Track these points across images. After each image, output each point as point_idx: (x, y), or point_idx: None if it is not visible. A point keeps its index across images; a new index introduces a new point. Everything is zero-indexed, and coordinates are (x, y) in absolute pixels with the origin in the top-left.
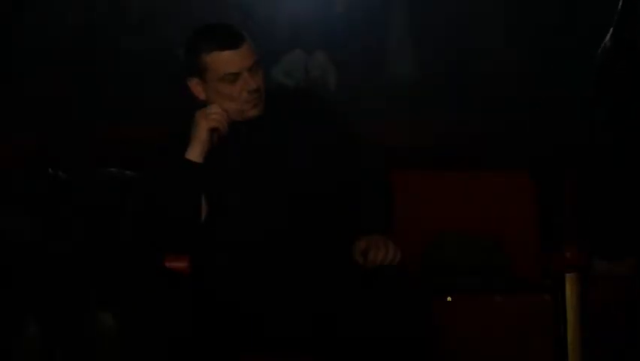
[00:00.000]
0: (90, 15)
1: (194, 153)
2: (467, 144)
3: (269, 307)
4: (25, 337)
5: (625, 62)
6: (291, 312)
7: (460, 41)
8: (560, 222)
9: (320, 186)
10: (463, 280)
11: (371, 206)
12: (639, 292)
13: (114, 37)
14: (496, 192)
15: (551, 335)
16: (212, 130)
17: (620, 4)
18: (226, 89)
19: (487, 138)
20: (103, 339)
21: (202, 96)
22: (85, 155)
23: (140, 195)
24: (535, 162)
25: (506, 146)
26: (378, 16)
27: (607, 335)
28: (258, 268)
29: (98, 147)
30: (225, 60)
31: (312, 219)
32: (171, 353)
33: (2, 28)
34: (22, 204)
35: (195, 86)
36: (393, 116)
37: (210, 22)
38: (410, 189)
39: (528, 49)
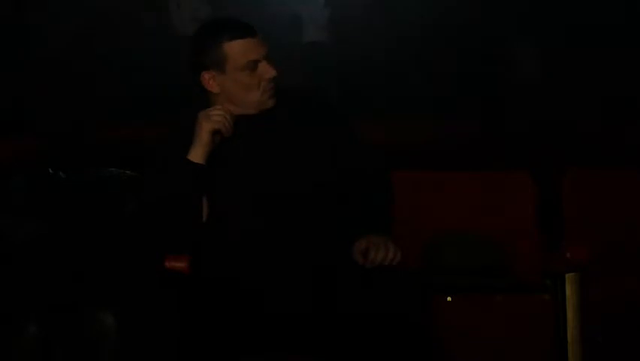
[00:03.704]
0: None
1: (196, 154)
2: (467, 144)
3: (269, 307)
4: (25, 337)
5: None
6: (291, 312)
7: (460, 41)
8: (560, 222)
9: (320, 185)
10: (463, 280)
11: (371, 206)
12: (639, 291)
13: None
14: (496, 192)
15: (551, 335)
16: (215, 131)
17: None
18: (246, 79)
19: (487, 138)
20: (103, 339)
21: (215, 90)
22: (85, 155)
23: (141, 196)
24: (535, 162)
25: (506, 146)
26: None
27: (607, 335)
28: (259, 268)
29: (98, 147)
30: (247, 48)
31: (313, 219)
32: (171, 353)
33: (2, 28)
34: (22, 204)
35: (208, 81)
36: (393, 115)
37: (218, 17)
38: (410, 189)
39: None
